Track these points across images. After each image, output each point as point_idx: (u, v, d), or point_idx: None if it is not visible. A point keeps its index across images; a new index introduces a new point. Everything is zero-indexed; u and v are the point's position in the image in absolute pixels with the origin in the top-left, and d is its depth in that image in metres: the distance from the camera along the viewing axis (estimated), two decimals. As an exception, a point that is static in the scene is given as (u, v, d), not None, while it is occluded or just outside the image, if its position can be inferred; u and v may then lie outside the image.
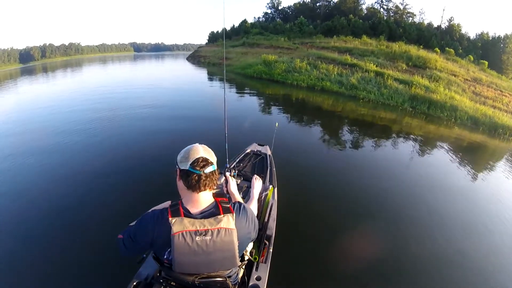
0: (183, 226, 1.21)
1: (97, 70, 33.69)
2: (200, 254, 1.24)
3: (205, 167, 1.25)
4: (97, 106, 10.74)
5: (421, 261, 3.30)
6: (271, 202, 2.60)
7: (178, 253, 1.22)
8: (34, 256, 3.04)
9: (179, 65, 38.18)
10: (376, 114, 11.46)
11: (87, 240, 3.22)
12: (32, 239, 3.31)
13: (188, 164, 1.23)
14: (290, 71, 18.62)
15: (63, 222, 3.61)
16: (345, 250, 3.24)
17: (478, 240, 3.88)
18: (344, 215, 4.11)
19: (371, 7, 39.66)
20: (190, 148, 1.29)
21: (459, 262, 3.38)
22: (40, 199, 4.16)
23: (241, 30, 41.18)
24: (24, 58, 76.25)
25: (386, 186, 5.15)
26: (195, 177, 1.23)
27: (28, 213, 3.76)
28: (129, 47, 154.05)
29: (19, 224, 3.58)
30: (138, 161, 5.58)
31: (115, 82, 19.05)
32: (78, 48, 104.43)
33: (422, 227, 4.02)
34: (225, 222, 1.25)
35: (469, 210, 4.67)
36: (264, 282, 1.88)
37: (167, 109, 10.36)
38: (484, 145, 9.09)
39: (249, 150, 4.23)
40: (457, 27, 31.81)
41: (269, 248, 2.21)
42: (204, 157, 1.26)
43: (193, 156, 1.24)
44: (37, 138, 6.90)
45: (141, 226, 1.30)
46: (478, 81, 18.08)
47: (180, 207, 1.27)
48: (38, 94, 15.40)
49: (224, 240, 1.25)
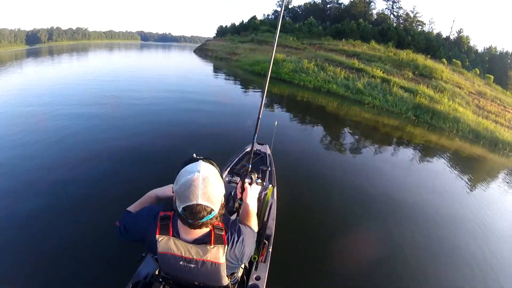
0: (168, 247, 1.15)
1: (103, 57, 33.47)
2: (185, 274, 1.23)
3: (200, 218, 1.05)
4: (99, 92, 10.66)
5: (419, 262, 3.42)
6: (270, 202, 2.61)
7: (164, 268, 1.25)
8: (33, 254, 2.99)
9: (187, 58, 38.19)
10: (379, 120, 11.62)
11: (87, 238, 3.17)
12: (30, 237, 3.23)
13: (181, 207, 1.05)
14: (297, 71, 18.72)
15: (62, 220, 3.52)
16: (344, 249, 3.28)
17: (471, 242, 4.09)
18: (343, 215, 4.18)
19: (382, 12, 39.65)
20: (187, 184, 1.03)
21: (455, 263, 3.55)
22: (38, 195, 3.99)
23: (250, 26, 41.08)
24: (30, 39, 76.37)
25: (384, 189, 5.24)
26: (187, 222, 1.08)
27: (26, 211, 3.62)
28: (136, 35, 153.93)
29: (16, 223, 3.45)
30: (140, 150, 5.52)
31: (121, 71, 18.92)
32: (85, 33, 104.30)
33: (419, 230, 4.14)
34: (213, 255, 1.15)
35: (463, 216, 4.88)
36: (264, 282, 1.88)
37: (173, 101, 10.31)
38: (483, 159, 9.26)
39: (249, 149, 4.18)
40: (466, 39, 31.92)
41: (269, 248, 2.22)
42: (203, 206, 1.03)
43: (189, 199, 1.02)
44: (40, 125, 6.64)
45: (135, 224, 1.28)
46: (483, 95, 18.25)
47: (170, 224, 1.17)
48: (41, 78, 15.29)
49: (209, 271, 1.19)
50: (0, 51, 48.75)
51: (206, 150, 5.26)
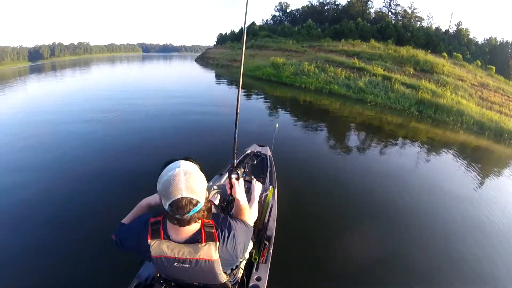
0: (161, 250, 1.18)
1: (105, 70, 33.83)
2: (182, 275, 1.27)
3: (187, 211, 1.08)
4: (99, 106, 10.83)
5: (421, 263, 3.35)
6: (271, 203, 2.65)
7: (160, 271, 1.30)
8: (33, 256, 3.05)
9: (188, 67, 38.63)
10: (382, 117, 11.69)
11: (88, 240, 3.21)
12: (31, 239, 3.30)
13: (167, 203, 1.07)
14: (298, 74, 18.94)
15: (63, 222, 3.62)
16: (345, 250, 3.27)
17: (479, 242, 3.90)
18: (344, 215, 4.16)
19: (379, 11, 39.92)
20: (170, 180, 1.06)
21: (460, 264, 3.43)
22: (39, 199, 4.13)
23: (249, 32, 41.42)
24: (33, 56, 77.46)
25: (386, 188, 5.18)
26: (175, 218, 1.11)
27: (27, 213, 3.75)
28: (137, 47, 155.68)
29: (18, 225, 3.54)
30: (140, 158, 5.62)
31: (122, 84, 19.09)
32: (87, 47, 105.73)
33: (423, 229, 4.04)
34: (206, 253, 1.18)
35: (470, 212, 4.70)
36: (264, 283, 1.89)
37: (175, 111, 10.46)
38: (489, 150, 9.26)
39: (249, 151, 4.22)
40: (465, 32, 31.93)
41: (269, 249, 2.23)
42: (188, 199, 1.06)
43: (173, 194, 1.05)
44: (42, 137, 6.90)
45: (128, 237, 1.31)
46: (485, 86, 18.21)
47: (161, 227, 1.20)
48: (44, 93, 15.57)
49: (204, 270, 1.22)
50: (4, 69, 49.72)
51: (208, 155, 5.32)
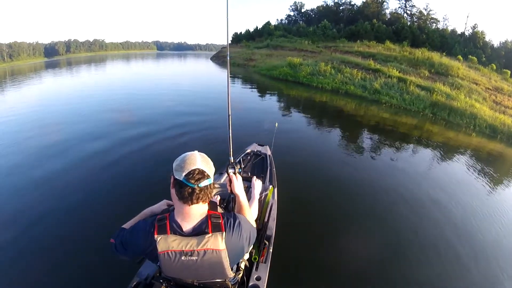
0: (168, 245, 1.19)
1: (120, 68, 34.04)
2: (188, 270, 1.26)
3: (200, 181, 1.17)
4: (110, 105, 10.74)
5: (423, 263, 3.35)
6: (271, 202, 2.68)
7: (166, 268, 1.26)
8: (34, 256, 3.06)
9: (203, 65, 39.28)
10: (396, 119, 12.04)
11: (87, 239, 3.21)
12: (32, 239, 3.32)
13: (183, 175, 1.16)
14: (315, 74, 19.51)
15: (62, 222, 3.64)
16: (345, 250, 3.29)
17: (491, 240, 3.97)
18: (344, 215, 4.17)
19: (395, 12, 39.99)
20: (187, 156, 1.21)
21: (472, 262, 3.47)
22: (41, 199, 4.15)
23: (264, 31, 42.14)
24: (49, 52, 79.91)
25: (387, 188, 5.13)
26: (188, 190, 1.16)
27: (28, 213, 3.78)
28: (152, 45, 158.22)
29: (19, 224, 3.55)
30: (142, 161, 5.56)
31: (137, 83, 18.93)
32: (102, 44, 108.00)
33: (428, 231, 3.99)
34: (213, 243, 1.20)
35: (481, 214, 4.66)
36: (264, 282, 1.89)
37: (173, 106, 10.54)
38: (501, 153, 9.37)
39: (249, 150, 4.25)
40: (481, 35, 31.76)
41: (269, 248, 2.21)
42: (201, 169, 1.18)
43: (189, 166, 1.17)
44: (50, 137, 6.88)
45: (132, 239, 1.29)
46: (500, 90, 18.44)
47: (167, 222, 1.23)
48: (57, 90, 16.00)
49: (211, 261, 1.23)
50: (20, 64, 51.28)
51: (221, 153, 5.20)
